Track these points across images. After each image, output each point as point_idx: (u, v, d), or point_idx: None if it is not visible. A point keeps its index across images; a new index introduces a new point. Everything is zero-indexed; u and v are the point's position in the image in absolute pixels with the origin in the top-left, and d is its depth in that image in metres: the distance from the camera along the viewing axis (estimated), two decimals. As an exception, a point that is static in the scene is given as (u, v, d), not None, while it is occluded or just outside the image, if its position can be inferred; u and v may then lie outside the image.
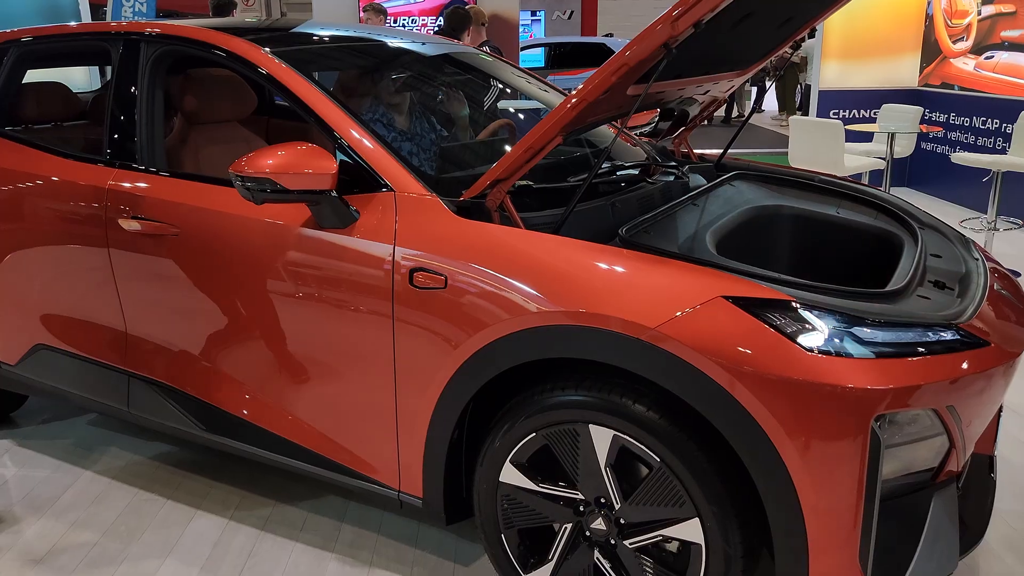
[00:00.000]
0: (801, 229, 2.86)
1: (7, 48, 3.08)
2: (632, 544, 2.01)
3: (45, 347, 2.94)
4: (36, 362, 2.99)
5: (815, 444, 1.73)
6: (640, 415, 1.88)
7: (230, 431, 2.57)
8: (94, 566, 2.50)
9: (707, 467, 1.85)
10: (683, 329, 1.78)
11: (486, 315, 2.00)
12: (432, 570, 2.46)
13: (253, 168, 2.08)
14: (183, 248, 2.49)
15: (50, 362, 2.95)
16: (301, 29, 3.12)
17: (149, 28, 2.75)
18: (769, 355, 1.73)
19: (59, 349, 2.91)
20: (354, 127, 2.31)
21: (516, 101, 3.46)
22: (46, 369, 2.98)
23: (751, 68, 2.83)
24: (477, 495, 2.18)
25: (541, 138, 1.99)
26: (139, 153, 2.65)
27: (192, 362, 2.60)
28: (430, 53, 3.30)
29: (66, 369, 2.91)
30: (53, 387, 3.00)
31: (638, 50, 1.86)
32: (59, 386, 2.97)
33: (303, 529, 2.67)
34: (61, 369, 2.93)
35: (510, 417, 2.07)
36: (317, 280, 2.25)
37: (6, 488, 2.94)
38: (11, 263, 2.90)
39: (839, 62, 8.28)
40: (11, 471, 3.06)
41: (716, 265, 1.95)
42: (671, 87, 2.37)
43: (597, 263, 1.95)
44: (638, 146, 3.16)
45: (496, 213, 2.11)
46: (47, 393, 3.08)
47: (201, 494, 2.88)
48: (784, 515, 1.78)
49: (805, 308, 1.81)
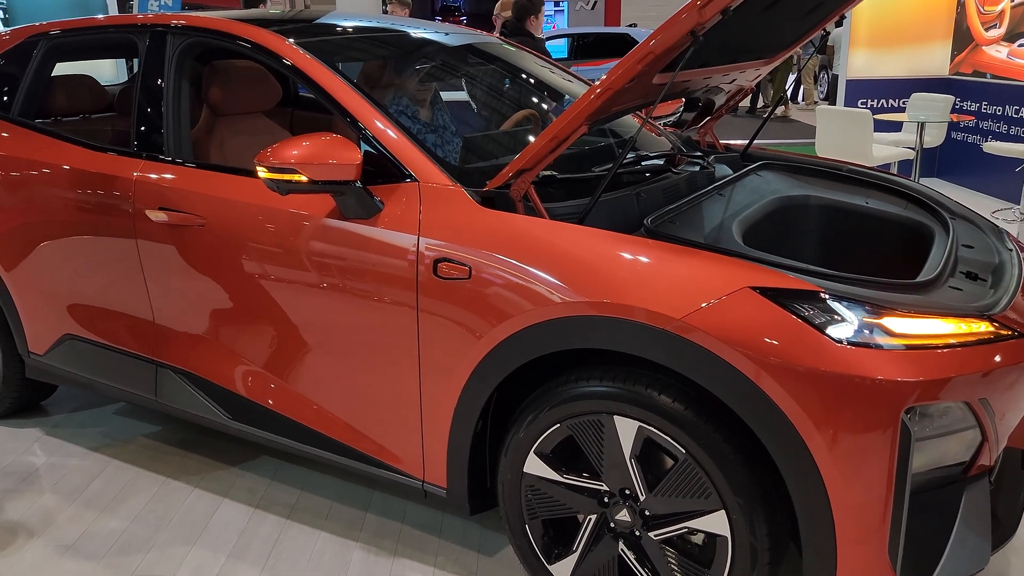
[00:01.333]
0: (829, 220, 2.82)
1: (36, 41, 3.11)
2: (657, 536, 2.00)
3: (74, 337, 2.98)
4: (65, 352, 3.03)
5: (844, 437, 1.71)
6: (665, 406, 1.87)
7: (255, 420, 2.59)
8: (123, 552, 2.53)
9: (733, 459, 1.83)
10: (709, 320, 1.76)
11: (510, 305, 2.00)
12: (456, 560, 2.47)
13: (278, 159, 2.09)
14: (209, 239, 2.50)
15: (79, 352, 2.99)
16: (325, 20, 3.12)
17: (175, 20, 2.76)
18: (797, 346, 1.71)
19: (88, 339, 2.95)
20: (378, 117, 2.31)
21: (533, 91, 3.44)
22: (75, 359, 3.02)
23: (778, 56, 2.79)
24: (501, 485, 2.18)
25: (566, 127, 1.98)
26: (165, 144, 2.67)
27: (218, 351, 2.62)
28: (453, 43, 3.29)
29: (95, 359, 2.95)
30: (82, 376, 3.04)
31: (664, 38, 1.84)
32: (88, 376, 3.01)
33: (328, 518, 2.69)
34: (90, 359, 2.97)
35: (534, 407, 2.06)
36: (342, 271, 2.26)
37: (37, 475, 2.99)
38: (41, 254, 2.94)
39: (867, 50, 8.15)
40: (42, 459, 3.11)
41: (743, 255, 1.93)
42: (697, 76, 2.34)
43: (622, 253, 1.94)
44: (663, 136, 3.13)
45: (520, 203, 2.10)
46: (76, 383, 3.11)
47: (228, 482, 2.91)
48: (812, 508, 1.76)
49: (834, 299, 1.79)
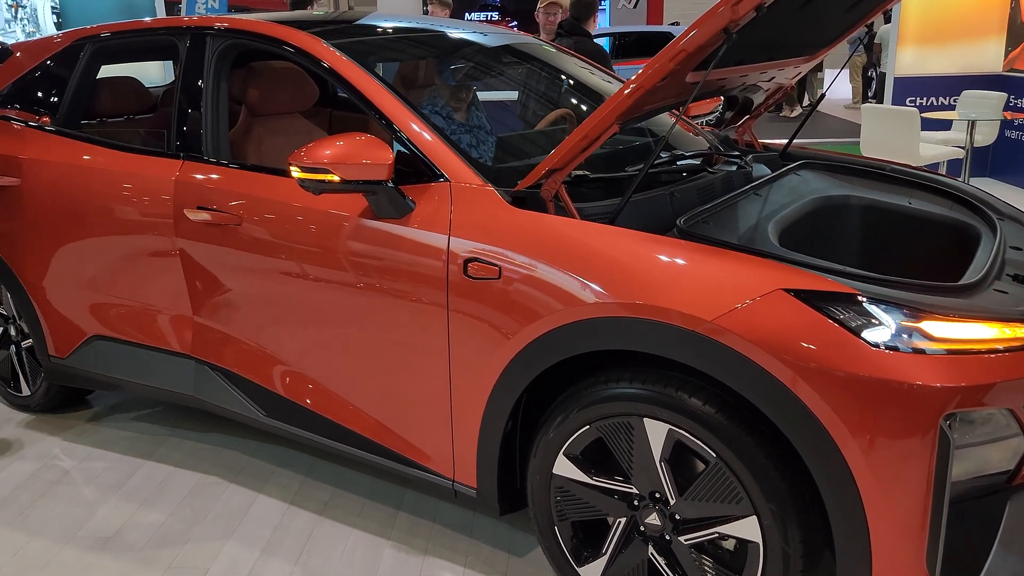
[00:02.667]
0: (870, 220, 2.76)
1: (82, 44, 3.18)
2: (687, 541, 1.97)
3: (103, 338, 3.03)
4: (91, 353, 3.08)
5: (880, 443, 1.66)
6: (696, 409, 1.84)
7: (289, 417, 2.62)
8: (160, 545, 2.58)
9: (765, 464, 1.80)
10: (741, 322, 1.73)
11: (540, 306, 1.99)
12: (486, 560, 2.46)
13: (311, 159, 2.11)
14: (245, 237, 2.54)
15: (108, 352, 3.04)
16: (364, 21, 3.15)
17: (214, 23, 2.81)
18: (831, 350, 1.67)
19: (118, 339, 3.00)
20: (410, 117, 2.32)
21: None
22: (103, 360, 3.06)
23: (819, 54, 2.74)
24: (531, 486, 2.17)
25: (597, 126, 1.96)
26: (204, 144, 2.72)
27: (253, 349, 2.66)
28: (491, 44, 3.29)
29: (126, 358, 3.00)
30: (109, 377, 3.09)
31: (697, 35, 1.81)
32: (117, 376, 3.06)
33: (360, 515, 2.70)
34: (120, 359, 3.01)
35: (564, 408, 2.05)
36: (373, 270, 2.27)
37: (79, 468, 3.06)
38: (69, 256, 3.00)
39: (916, 47, 7.96)
40: (84, 452, 3.18)
41: (777, 257, 1.90)
42: (733, 74, 2.31)
43: (653, 254, 1.92)
44: (700, 135, 3.09)
45: (551, 203, 2.09)
46: (100, 384, 3.17)
47: (263, 478, 2.94)
48: (846, 516, 1.72)
49: (871, 302, 1.74)
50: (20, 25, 8.08)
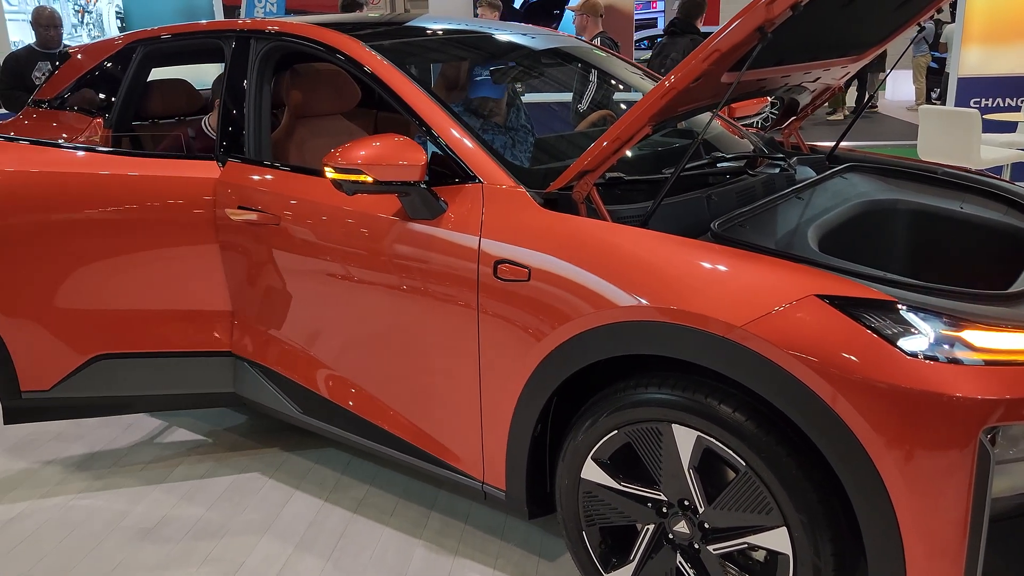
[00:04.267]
0: (919, 225, 2.67)
1: (135, 47, 3.27)
2: (716, 550, 1.93)
3: (111, 356, 2.83)
4: (94, 375, 2.83)
5: (916, 457, 1.60)
6: (726, 416, 1.80)
7: (324, 415, 2.65)
8: (198, 538, 2.63)
9: (796, 474, 1.75)
10: (772, 328, 1.69)
11: (569, 309, 1.97)
12: (516, 564, 2.45)
13: (345, 160, 2.13)
14: (283, 237, 2.57)
15: (118, 370, 2.83)
16: (413, 23, 3.17)
17: (258, 25, 2.86)
18: (865, 359, 1.62)
19: (136, 353, 2.82)
20: (444, 117, 2.32)
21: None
22: (111, 379, 2.84)
23: (867, 53, 2.66)
24: (559, 491, 2.15)
25: (628, 128, 1.93)
26: (247, 145, 2.76)
27: (290, 347, 2.69)
28: (537, 46, 3.28)
29: (147, 371, 2.84)
30: (117, 397, 2.88)
31: (730, 35, 1.77)
32: (131, 393, 2.88)
33: (393, 515, 2.72)
34: (137, 373, 2.84)
35: (592, 413, 2.03)
36: (406, 270, 2.28)
37: (123, 462, 3.14)
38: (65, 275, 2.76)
39: (982, 47, 7.68)
40: (127, 447, 3.26)
41: (812, 262, 1.85)
42: (773, 74, 2.26)
43: (684, 257, 1.88)
44: (745, 137, 3.03)
45: (582, 205, 2.07)
46: (96, 409, 2.94)
47: (300, 475, 2.98)
48: (880, 532, 1.66)
49: (909, 310, 1.68)
50: (86, 30, 8.37)
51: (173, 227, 2.74)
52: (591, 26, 6.03)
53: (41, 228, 2.71)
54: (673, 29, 5.72)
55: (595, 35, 5.98)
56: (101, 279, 2.77)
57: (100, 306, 2.80)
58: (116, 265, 2.76)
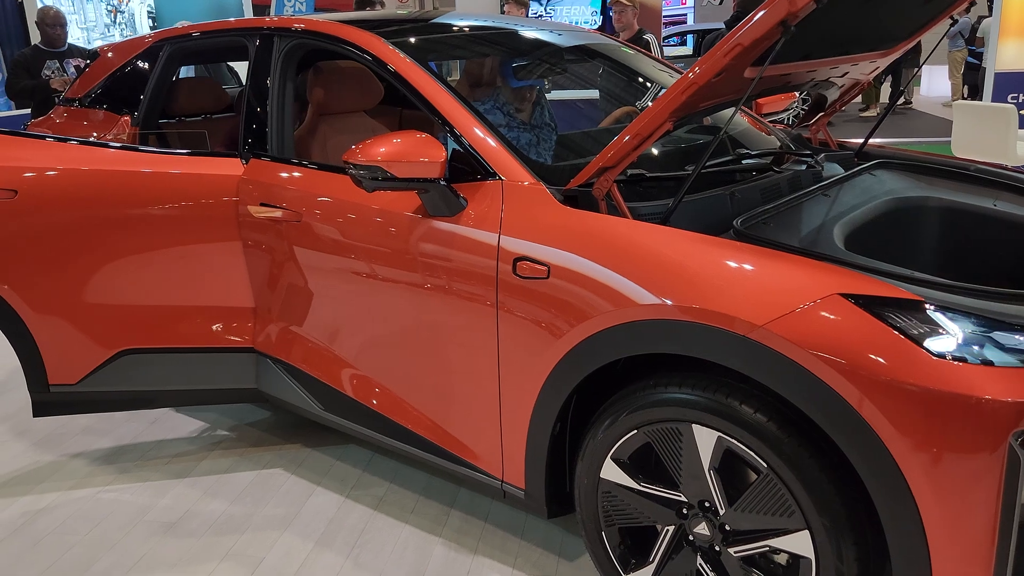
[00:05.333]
0: (950, 223, 2.61)
1: (161, 46, 3.30)
2: (737, 553, 1.90)
3: (136, 351, 2.85)
4: (119, 370, 2.85)
5: (942, 461, 1.56)
6: (747, 417, 1.77)
7: (345, 411, 2.65)
8: (220, 533, 2.65)
9: (819, 476, 1.71)
10: (793, 328, 1.66)
11: (589, 307, 1.95)
12: (535, 563, 2.44)
13: (365, 156, 2.12)
14: (305, 234, 2.58)
15: (142, 365, 2.86)
16: (439, 20, 3.16)
17: (281, 23, 2.87)
18: (890, 360, 1.58)
19: (160, 348, 2.85)
20: (464, 114, 2.31)
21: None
22: (136, 374, 2.87)
23: (897, 48, 2.60)
24: (578, 490, 2.14)
25: (649, 124, 1.91)
26: (270, 143, 2.77)
27: (311, 343, 2.70)
28: (563, 43, 3.25)
29: (171, 366, 2.86)
30: (142, 392, 2.91)
31: (753, 29, 1.74)
32: (155, 388, 2.90)
33: (414, 512, 2.72)
34: (161, 368, 2.87)
35: (612, 412, 2.00)
36: (425, 267, 2.28)
37: (147, 456, 3.17)
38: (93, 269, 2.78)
39: (1019, 41, 7.52)
40: (151, 443, 3.29)
41: (837, 260, 1.81)
42: (799, 69, 2.22)
43: (705, 255, 1.86)
44: (772, 134, 2.99)
45: (603, 202, 2.05)
46: (121, 403, 2.97)
47: (322, 471, 2.99)
48: (905, 538, 1.62)
49: (937, 309, 1.64)
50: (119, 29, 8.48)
51: (197, 224, 2.75)
52: (629, 22, 5.90)
53: (67, 224, 2.73)
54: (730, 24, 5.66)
55: (636, 32, 5.85)
56: (127, 274, 2.78)
57: (126, 301, 2.81)
58: (141, 260, 2.78)
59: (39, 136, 3.09)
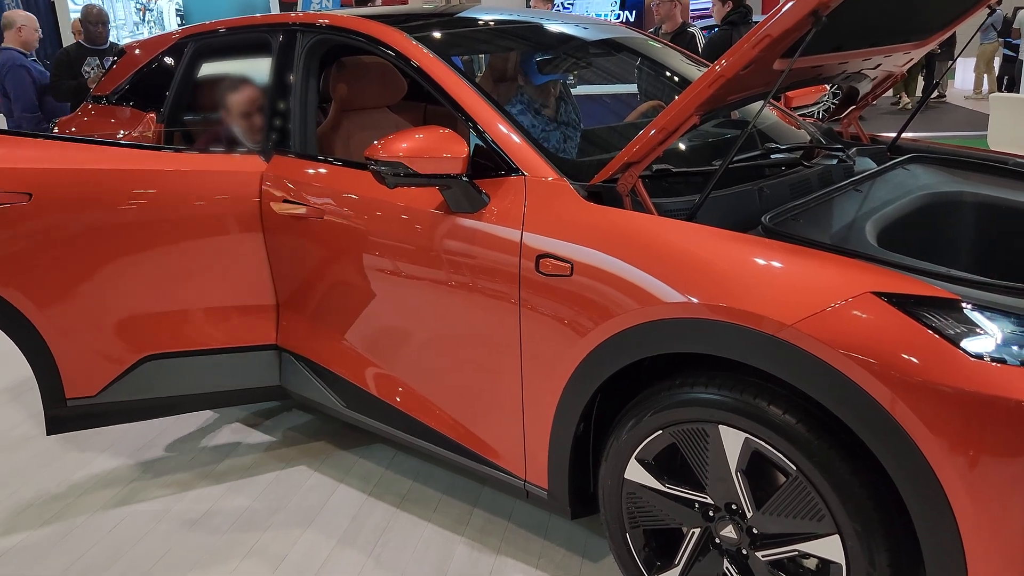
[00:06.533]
0: (987, 219, 2.54)
1: (187, 42, 3.31)
2: (765, 557, 1.85)
3: (158, 356, 2.76)
4: (141, 377, 2.76)
5: (980, 466, 1.51)
6: (775, 418, 1.73)
7: (367, 409, 2.64)
8: (243, 529, 2.65)
9: (850, 480, 1.66)
10: (824, 327, 1.61)
11: (613, 305, 1.91)
12: (558, 564, 2.41)
13: (387, 152, 2.10)
14: (327, 231, 2.57)
15: (165, 371, 2.78)
16: (464, 15, 3.13)
17: (303, 19, 2.85)
18: (925, 360, 1.53)
19: (183, 352, 2.78)
20: (486, 109, 2.28)
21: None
22: (158, 380, 2.78)
23: (931, 39, 2.53)
24: (602, 491, 2.10)
25: (675, 118, 1.87)
26: (292, 139, 2.76)
27: (334, 341, 2.69)
28: (589, 37, 3.21)
29: (194, 369, 2.80)
30: (165, 398, 2.82)
31: (782, 19, 1.69)
32: (179, 393, 2.82)
33: (436, 511, 2.70)
34: (185, 372, 2.80)
35: (637, 412, 1.97)
36: (446, 264, 2.25)
37: (173, 454, 3.19)
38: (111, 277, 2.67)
39: (1057, 32, 7.34)
40: (176, 440, 3.29)
41: (869, 257, 1.76)
42: (830, 61, 2.16)
43: (732, 252, 1.81)
44: (802, 128, 2.92)
45: (627, 198, 2.01)
46: (142, 412, 2.86)
47: (345, 469, 2.98)
48: (939, 543, 1.57)
49: (975, 308, 1.59)
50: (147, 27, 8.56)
51: (218, 222, 2.71)
52: (671, 15, 5.78)
53: (84, 227, 2.60)
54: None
55: (680, 26, 5.72)
56: (147, 276, 2.69)
57: (147, 304, 2.72)
58: (162, 261, 2.69)
59: (52, 136, 3.02)
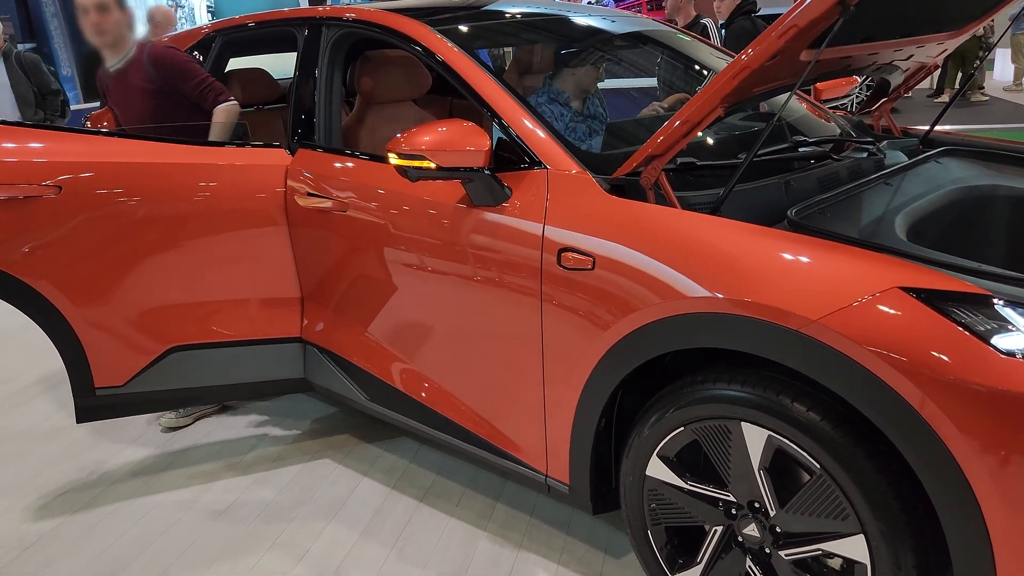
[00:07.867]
0: (1022, 214, 2.47)
1: (215, 37, 3.33)
2: (788, 556, 1.82)
3: (184, 348, 2.81)
4: (168, 368, 2.81)
5: (1010, 465, 1.47)
6: (799, 416, 1.69)
7: (390, 402, 2.65)
8: (268, 521, 2.67)
9: (875, 478, 1.63)
10: (850, 323, 1.57)
11: (635, 299, 1.89)
12: (581, 560, 2.39)
13: (409, 146, 2.10)
14: (351, 224, 2.57)
15: (190, 362, 2.82)
16: (491, 7, 3.12)
17: (328, 13, 2.86)
18: (954, 357, 1.49)
19: (208, 344, 2.82)
20: (509, 101, 2.27)
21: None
22: (184, 371, 2.83)
23: (965, 29, 2.47)
24: (623, 487, 2.08)
25: (699, 110, 1.84)
26: (317, 132, 2.77)
27: (357, 334, 2.70)
28: (616, 30, 3.18)
29: (219, 361, 2.84)
30: (190, 389, 2.87)
31: (809, 9, 1.65)
32: (204, 384, 2.87)
33: (459, 505, 2.70)
34: (209, 364, 2.84)
35: (659, 408, 1.94)
36: (470, 257, 2.24)
37: (199, 446, 3.23)
38: (139, 268, 2.72)
39: (1100, 22, 7.14)
40: (200, 432, 3.34)
41: (897, 252, 1.72)
42: (860, 52, 2.11)
43: (757, 246, 1.78)
44: (832, 120, 2.87)
45: (651, 191, 1.99)
46: (167, 402, 2.94)
47: (370, 462, 2.99)
48: (967, 543, 1.53)
49: (1007, 304, 1.54)
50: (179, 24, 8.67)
51: (244, 215, 2.72)
52: (686, 8, 5.77)
53: (112, 220, 2.63)
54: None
55: (694, 19, 5.71)
56: (174, 268, 2.73)
57: (174, 296, 2.76)
58: (189, 254, 2.72)
59: (81, 130, 3.06)
